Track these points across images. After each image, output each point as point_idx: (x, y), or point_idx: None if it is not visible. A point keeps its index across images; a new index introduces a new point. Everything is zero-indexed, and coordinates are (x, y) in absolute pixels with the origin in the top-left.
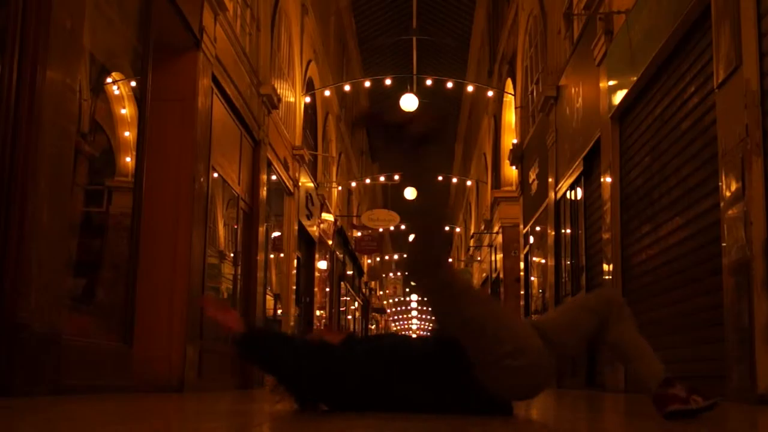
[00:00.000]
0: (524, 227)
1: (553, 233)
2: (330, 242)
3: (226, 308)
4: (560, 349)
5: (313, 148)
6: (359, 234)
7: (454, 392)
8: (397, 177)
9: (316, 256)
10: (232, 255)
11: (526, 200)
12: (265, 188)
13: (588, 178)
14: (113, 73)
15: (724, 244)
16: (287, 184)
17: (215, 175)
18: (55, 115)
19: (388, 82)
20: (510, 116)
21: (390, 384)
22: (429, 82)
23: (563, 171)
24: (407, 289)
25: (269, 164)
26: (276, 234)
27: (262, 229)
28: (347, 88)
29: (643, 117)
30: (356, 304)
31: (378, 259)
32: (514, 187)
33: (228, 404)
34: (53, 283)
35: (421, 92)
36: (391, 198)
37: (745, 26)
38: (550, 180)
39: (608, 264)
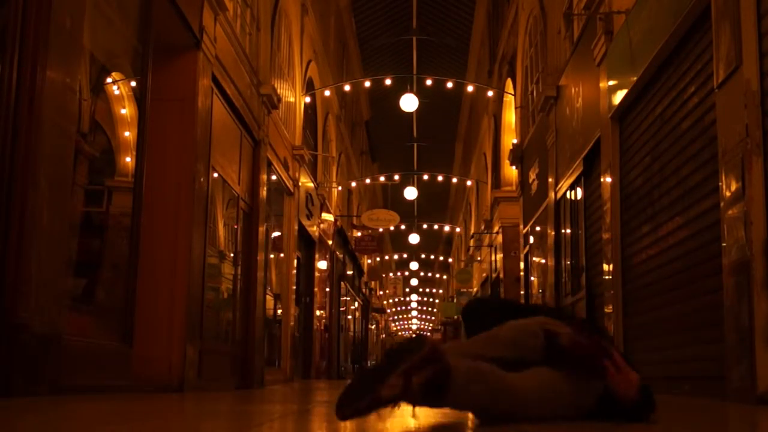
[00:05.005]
0: (524, 227)
1: (553, 233)
2: (330, 242)
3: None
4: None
5: (313, 148)
6: (359, 234)
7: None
8: (397, 177)
9: (316, 256)
10: (232, 255)
11: (526, 200)
12: (265, 188)
13: (588, 178)
14: (113, 73)
15: (724, 244)
16: (287, 184)
17: (215, 175)
18: (55, 115)
19: (388, 82)
20: (510, 116)
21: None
22: (429, 82)
23: (563, 171)
24: (407, 289)
25: (269, 164)
26: (276, 234)
27: (262, 229)
28: (347, 88)
29: (643, 117)
30: (356, 304)
31: (378, 259)
32: (514, 187)
33: (228, 404)
34: (53, 282)
35: (421, 92)
36: (391, 198)
37: (745, 26)
38: (550, 180)
39: (608, 264)
